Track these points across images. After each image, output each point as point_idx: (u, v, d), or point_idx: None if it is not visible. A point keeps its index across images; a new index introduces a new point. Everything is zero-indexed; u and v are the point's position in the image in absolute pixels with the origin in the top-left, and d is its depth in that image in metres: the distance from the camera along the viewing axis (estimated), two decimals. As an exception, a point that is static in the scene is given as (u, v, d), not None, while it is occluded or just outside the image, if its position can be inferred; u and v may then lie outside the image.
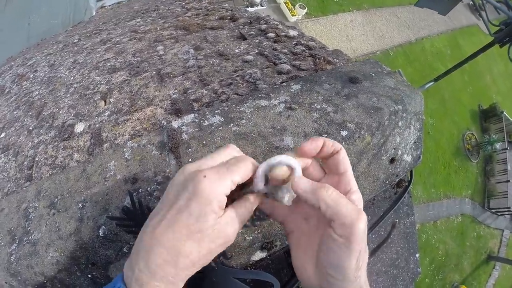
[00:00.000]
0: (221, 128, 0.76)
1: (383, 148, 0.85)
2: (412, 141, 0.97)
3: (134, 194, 0.61)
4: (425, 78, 13.28)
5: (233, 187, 0.44)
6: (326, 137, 0.72)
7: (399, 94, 0.88)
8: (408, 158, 0.98)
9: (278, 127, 0.74)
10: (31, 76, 2.06)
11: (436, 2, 1.45)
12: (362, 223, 0.43)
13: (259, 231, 0.66)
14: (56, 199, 0.66)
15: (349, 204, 0.44)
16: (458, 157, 12.50)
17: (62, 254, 0.57)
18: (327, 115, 0.77)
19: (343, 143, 0.73)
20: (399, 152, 0.92)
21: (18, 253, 0.61)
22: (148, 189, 0.63)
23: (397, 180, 1.02)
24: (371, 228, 1.06)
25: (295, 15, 11.66)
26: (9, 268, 0.61)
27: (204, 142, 0.72)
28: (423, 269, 9.92)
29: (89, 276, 0.60)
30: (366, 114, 0.79)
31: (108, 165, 0.70)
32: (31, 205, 0.67)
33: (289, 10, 11.69)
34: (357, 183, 0.80)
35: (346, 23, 12.50)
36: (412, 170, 1.16)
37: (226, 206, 0.45)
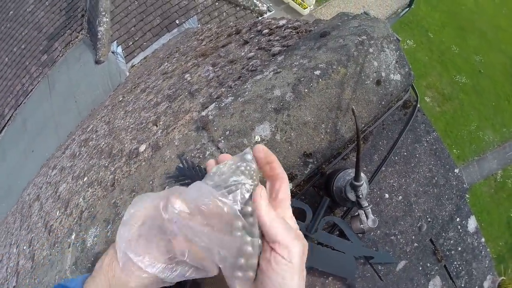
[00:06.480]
0: (232, 103, 1.03)
1: (362, 74, 1.03)
2: (394, 61, 1.12)
3: (183, 158, 0.91)
4: (456, 16, 12.20)
5: None
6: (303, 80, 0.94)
7: (361, 28, 1.07)
8: (396, 77, 1.14)
9: (269, 86, 0.99)
10: (94, 136, 2.59)
11: None
12: (297, 246, 0.47)
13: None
14: (134, 187, 0.99)
15: (286, 227, 0.49)
16: (519, 84, 11.09)
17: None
18: (303, 66, 1.00)
19: (320, 79, 0.95)
20: (383, 74, 1.09)
21: (112, 229, 0.95)
22: (192, 154, 0.92)
23: (396, 100, 1.17)
24: (389, 150, 1.21)
25: (306, 7, 11.66)
26: (107, 241, 0.95)
27: (223, 115, 0.99)
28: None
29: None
30: (333, 53, 1.00)
31: (165, 153, 1.01)
32: (118, 198, 1.01)
33: (299, 5, 11.74)
34: (351, 109, 1.00)
35: (357, -7, 12.17)
36: (415, 88, 1.29)
37: None
